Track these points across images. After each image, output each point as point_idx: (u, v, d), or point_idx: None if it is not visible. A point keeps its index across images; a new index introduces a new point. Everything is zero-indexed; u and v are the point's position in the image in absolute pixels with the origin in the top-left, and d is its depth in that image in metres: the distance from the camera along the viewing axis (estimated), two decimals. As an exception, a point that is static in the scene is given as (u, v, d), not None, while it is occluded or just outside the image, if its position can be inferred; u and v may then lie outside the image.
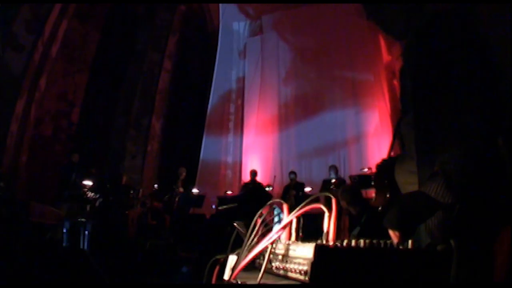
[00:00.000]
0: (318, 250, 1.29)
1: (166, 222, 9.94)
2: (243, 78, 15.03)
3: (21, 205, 3.70)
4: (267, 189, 10.51)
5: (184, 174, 10.24)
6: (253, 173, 10.91)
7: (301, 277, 1.29)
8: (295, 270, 1.33)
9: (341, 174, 9.90)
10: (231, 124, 14.89)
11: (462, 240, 1.45)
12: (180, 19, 13.85)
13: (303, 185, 10.36)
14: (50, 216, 4.65)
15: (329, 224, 1.49)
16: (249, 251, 1.53)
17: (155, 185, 11.05)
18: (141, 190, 10.41)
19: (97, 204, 6.77)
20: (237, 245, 1.68)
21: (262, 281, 1.38)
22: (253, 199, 9.23)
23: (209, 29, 15.26)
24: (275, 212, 1.76)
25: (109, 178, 9.44)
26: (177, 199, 9.82)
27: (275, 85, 14.29)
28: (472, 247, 1.51)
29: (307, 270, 1.27)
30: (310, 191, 10.07)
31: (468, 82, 1.58)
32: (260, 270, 1.63)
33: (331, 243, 1.43)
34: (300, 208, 1.56)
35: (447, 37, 1.64)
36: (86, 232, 5.15)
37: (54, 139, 10.29)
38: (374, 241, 1.37)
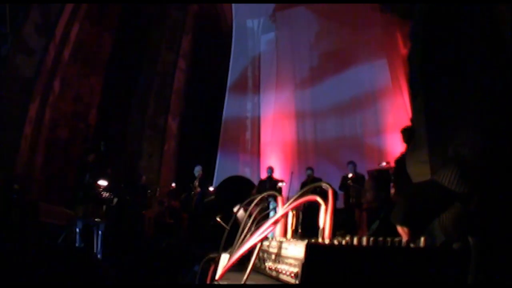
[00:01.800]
0: (310, 249, 1.13)
1: (183, 221, 9.94)
2: (259, 75, 14.96)
3: (30, 206, 3.67)
4: (279, 184, 10.42)
5: (200, 172, 10.21)
6: (270, 170, 10.86)
7: (292, 281, 1.15)
8: (286, 272, 1.20)
9: (359, 168, 9.72)
10: (248, 122, 14.83)
11: (481, 237, 1.30)
12: (192, 18, 13.84)
13: (320, 181, 10.20)
14: (60, 217, 4.63)
15: (325, 218, 1.33)
16: (239, 249, 1.39)
17: (173, 184, 11.05)
18: (158, 190, 10.43)
19: (113, 204, 6.77)
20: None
21: (250, 283, 1.25)
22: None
23: (222, 27, 15.20)
24: (270, 206, 1.64)
25: (126, 178, 9.47)
26: (194, 198, 9.80)
27: (291, 81, 14.18)
28: (493, 245, 1.32)
29: (297, 273, 1.13)
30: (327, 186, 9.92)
31: (480, 61, 1.41)
32: (257, 271, 1.54)
33: (326, 241, 1.28)
34: (294, 201, 1.41)
35: (454, 19, 1.51)
36: (100, 232, 5.11)
37: (71, 141, 10.35)
38: (380, 238, 1.22)
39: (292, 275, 1.14)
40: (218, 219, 1.81)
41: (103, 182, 6.46)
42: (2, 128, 7.13)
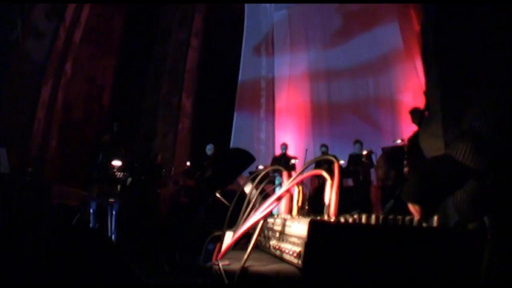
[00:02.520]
0: (313, 227, 1.05)
1: (198, 200, 9.97)
2: (273, 52, 14.77)
3: (42, 188, 3.69)
4: (292, 161, 10.39)
5: (213, 150, 10.22)
6: (284, 147, 10.83)
7: (295, 261, 1.09)
8: (289, 251, 1.13)
9: (372, 147, 9.61)
10: (262, 100, 14.72)
11: (498, 217, 1.22)
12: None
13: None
14: (73, 198, 4.66)
15: (330, 194, 1.25)
16: (242, 226, 1.34)
17: (187, 163, 11.07)
18: (173, 169, 10.47)
19: (127, 184, 6.80)
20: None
21: (252, 263, 1.18)
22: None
23: (235, 5, 15.00)
24: (276, 182, 1.58)
25: (140, 158, 9.52)
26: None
27: (305, 58, 13.98)
28: (511, 226, 1.23)
29: (300, 252, 1.07)
30: (342, 164, 9.87)
31: (495, 32, 1.30)
32: (262, 249, 1.48)
33: (332, 218, 1.20)
34: (297, 176, 1.35)
35: None
36: (114, 212, 5.13)
37: (85, 123, 10.41)
38: (390, 216, 1.13)
39: (295, 254, 1.08)
40: (217, 194, 1.74)
41: (117, 162, 6.47)
42: (15, 112, 7.18)
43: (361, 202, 8.37)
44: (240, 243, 1.90)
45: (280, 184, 1.51)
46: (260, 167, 10.94)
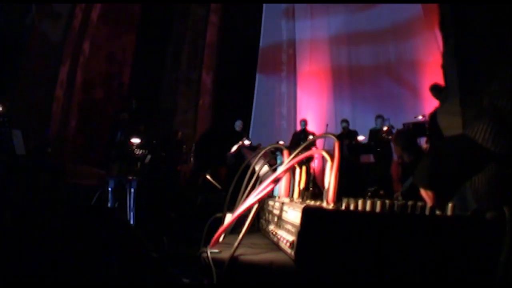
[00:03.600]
0: (307, 214, 0.95)
1: (220, 176, 10.00)
2: (293, 26, 14.52)
3: (57, 168, 3.71)
4: (310, 137, 10.28)
5: (241, 126, 10.30)
6: (303, 122, 10.76)
7: (288, 251, 1.01)
8: (283, 240, 1.05)
9: (393, 123, 9.43)
10: (283, 75, 14.56)
11: None
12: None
13: (356, 134, 10.02)
14: (91, 177, 4.69)
15: (330, 177, 1.14)
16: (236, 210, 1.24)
17: (208, 139, 11.07)
18: (194, 145, 10.48)
19: (146, 161, 6.82)
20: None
21: (245, 251, 1.11)
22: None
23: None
24: (278, 161, 1.48)
25: (160, 135, 9.54)
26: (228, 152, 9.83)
27: (326, 32, 13.71)
28: None
29: (293, 242, 0.97)
30: (363, 139, 9.73)
31: None
32: (263, 233, 1.41)
33: (330, 204, 1.09)
34: (295, 156, 1.23)
35: None
36: (132, 190, 5.16)
37: (106, 101, 10.46)
38: (398, 202, 1.04)
39: (288, 244, 1.00)
40: (208, 176, 1.65)
41: (135, 140, 6.48)
42: (34, 93, 7.23)
43: (381, 178, 8.24)
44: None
45: (282, 164, 1.40)
46: (281, 142, 10.90)
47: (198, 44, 12.63)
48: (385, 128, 9.06)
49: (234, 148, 9.00)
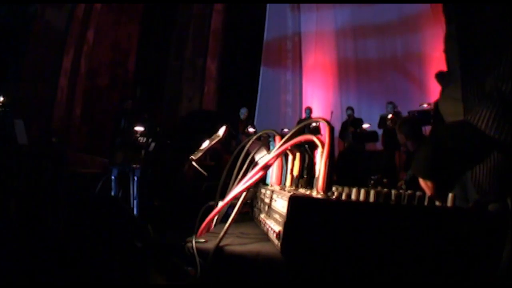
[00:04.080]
0: (293, 204, 0.90)
1: (224, 163, 9.99)
2: (299, 14, 14.40)
3: (59, 157, 3.72)
4: (313, 124, 10.25)
5: (246, 114, 10.29)
6: (308, 110, 10.74)
7: (275, 241, 0.97)
8: (271, 230, 1.01)
9: (401, 110, 9.37)
10: (289, 62, 14.48)
11: None
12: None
13: (361, 121, 9.96)
14: (94, 165, 4.70)
15: (320, 164, 1.08)
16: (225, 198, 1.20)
17: (213, 126, 11.04)
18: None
19: (150, 149, 6.81)
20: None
21: (232, 241, 1.08)
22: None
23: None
24: (271, 147, 1.43)
25: (164, 122, 9.54)
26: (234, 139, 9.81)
27: (332, 25, 13.59)
28: None
29: (280, 233, 0.93)
30: (368, 127, 9.68)
31: None
32: (255, 222, 1.38)
33: (319, 193, 1.04)
34: (285, 142, 1.17)
35: None
36: (135, 178, 5.17)
37: (111, 88, 10.45)
38: (395, 192, 0.97)
39: (275, 234, 0.96)
40: (193, 162, 1.61)
41: (139, 128, 6.47)
42: (38, 82, 7.22)
43: (386, 166, 8.19)
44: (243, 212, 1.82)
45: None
46: (285, 130, 10.87)
47: (203, 31, 12.56)
48: (389, 116, 8.98)
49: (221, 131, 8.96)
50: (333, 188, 1.07)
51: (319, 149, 1.08)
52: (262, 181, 1.63)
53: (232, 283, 0.94)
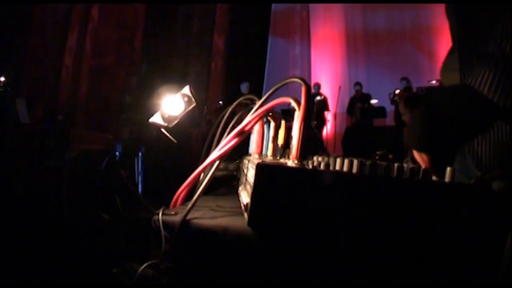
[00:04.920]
0: (261, 172, 0.82)
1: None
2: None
3: (62, 133, 3.72)
4: (317, 98, 10.20)
5: (248, 89, 10.24)
6: (317, 86, 10.66)
7: (245, 215, 0.91)
8: (242, 202, 0.97)
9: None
10: (297, 37, 14.32)
11: None
12: None
13: (369, 97, 9.88)
14: (98, 142, 4.70)
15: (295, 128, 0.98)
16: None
17: (220, 102, 11.01)
18: (205, 108, 10.45)
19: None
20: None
21: (203, 214, 1.02)
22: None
23: None
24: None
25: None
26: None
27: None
28: None
29: (247, 205, 0.87)
30: (376, 103, 9.58)
31: None
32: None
33: (293, 162, 0.95)
34: (260, 106, 1.09)
35: None
36: (140, 154, 5.18)
37: (117, 66, 10.40)
38: (383, 162, 0.86)
39: (243, 207, 0.92)
40: (162, 129, 1.56)
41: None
42: (42, 61, 7.19)
43: (393, 142, 8.10)
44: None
45: (268, 122, 1.28)
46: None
47: (209, 6, 12.41)
48: (397, 92, 8.87)
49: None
50: (319, 158, 0.98)
51: (296, 112, 1.00)
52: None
53: (197, 258, 0.91)
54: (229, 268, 0.88)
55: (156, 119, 1.44)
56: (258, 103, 1.12)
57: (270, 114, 1.21)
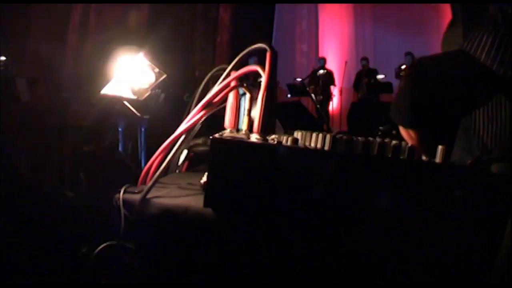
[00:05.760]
0: (215, 148, 0.77)
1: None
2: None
3: (60, 109, 3.75)
4: (320, 71, 10.13)
5: (255, 64, 10.12)
6: (322, 60, 10.57)
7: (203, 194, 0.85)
8: (202, 181, 0.94)
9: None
10: (304, 10, 14.12)
11: None
12: None
13: (375, 72, 9.77)
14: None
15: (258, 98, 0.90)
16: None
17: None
18: (211, 83, 10.40)
19: (160, 100, 6.79)
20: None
21: (166, 193, 0.98)
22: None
23: None
24: (240, 92, 1.30)
25: (174, 74, 9.48)
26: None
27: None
28: None
29: (204, 184, 0.88)
30: (383, 78, 9.47)
31: None
32: None
33: (255, 136, 0.88)
34: (227, 76, 1.04)
35: None
36: (142, 129, 5.19)
37: (123, 42, 10.36)
38: (362, 138, 0.77)
39: (201, 186, 0.90)
40: (125, 102, 1.54)
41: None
42: (46, 38, 7.17)
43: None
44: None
45: (244, 94, 1.16)
46: (298, 79, 10.72)
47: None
48: (403, 67, 8.75)
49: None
50: (298, 134, 0.88)
51: (262, 78, 0.94)
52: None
53: (157, 238, 0.90)
54: (189, 249, 0.87)
55: (112, 90, 1.39)
56: (224, 73, 1.08)
57: (245, 85, 1.11)
